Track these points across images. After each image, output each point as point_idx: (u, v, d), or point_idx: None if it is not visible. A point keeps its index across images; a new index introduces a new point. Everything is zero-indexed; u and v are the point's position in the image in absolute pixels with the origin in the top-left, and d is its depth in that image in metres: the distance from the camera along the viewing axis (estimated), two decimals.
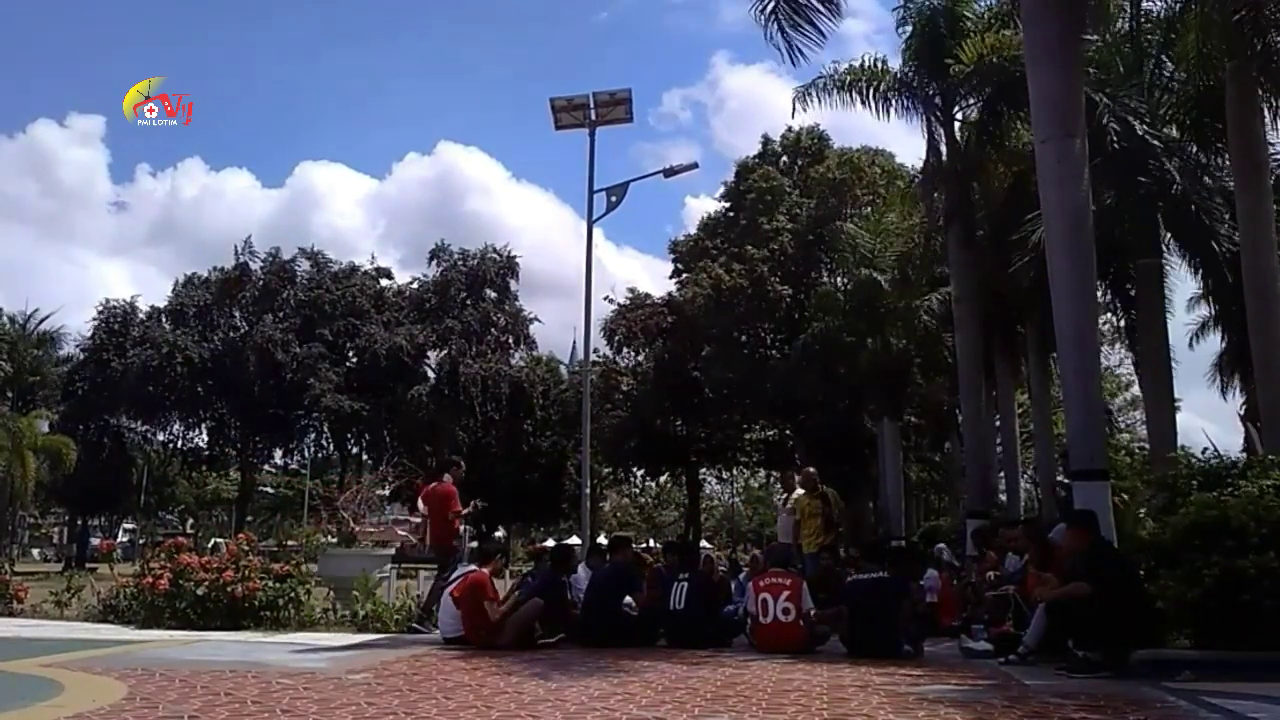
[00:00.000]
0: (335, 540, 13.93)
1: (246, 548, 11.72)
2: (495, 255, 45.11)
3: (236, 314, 43.80)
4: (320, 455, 49.89)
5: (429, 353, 43.74)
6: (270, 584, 11.04)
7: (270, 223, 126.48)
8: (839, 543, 13.24)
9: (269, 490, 63.48)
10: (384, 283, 46.64)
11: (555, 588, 9.92)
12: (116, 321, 41.99)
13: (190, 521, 72.49)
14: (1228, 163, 14.54)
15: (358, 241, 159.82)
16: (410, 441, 42.93)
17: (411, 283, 46.55)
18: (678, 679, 6.95)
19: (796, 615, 8.83)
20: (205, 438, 45.17)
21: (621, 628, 9.26)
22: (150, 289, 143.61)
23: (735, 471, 51.80)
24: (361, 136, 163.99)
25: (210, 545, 30.48)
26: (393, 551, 14.81)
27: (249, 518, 52.90)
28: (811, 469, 14.22)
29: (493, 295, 45.03)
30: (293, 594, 11.17)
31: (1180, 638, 7.77)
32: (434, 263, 45.52)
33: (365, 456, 45.73)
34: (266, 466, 53.01)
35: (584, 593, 10.10)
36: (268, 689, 6.18)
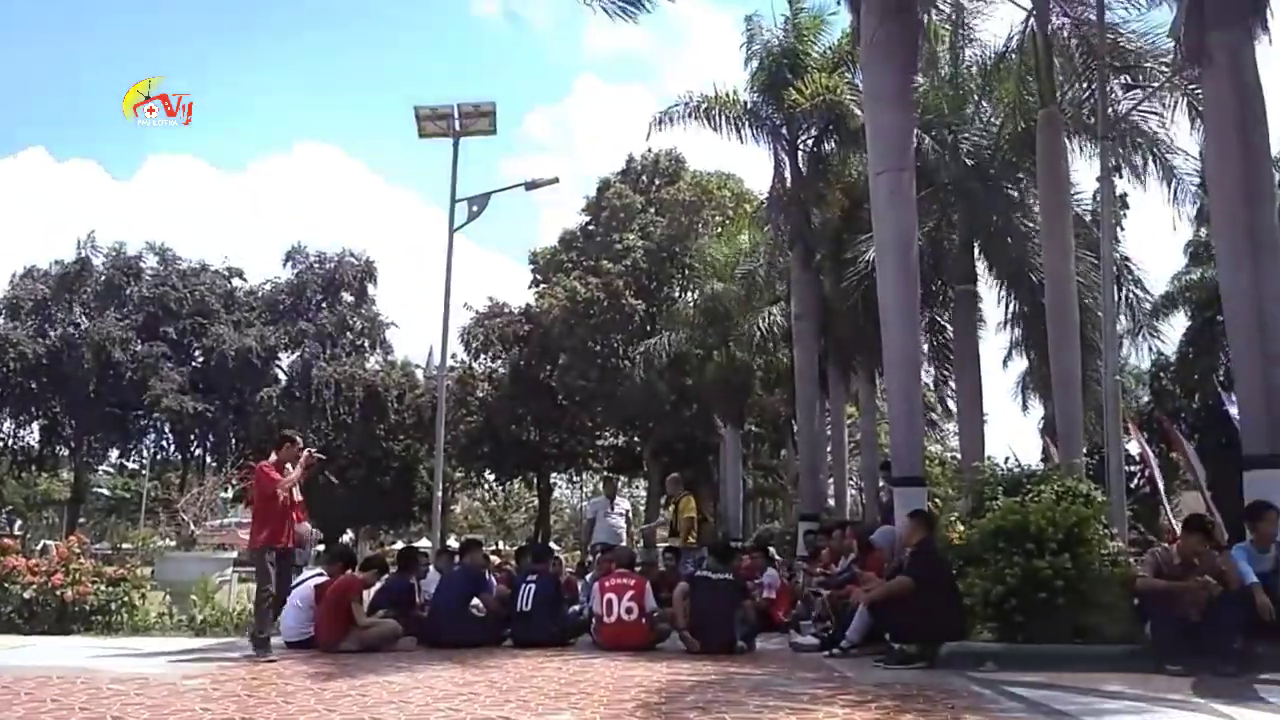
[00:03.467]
0: (174, 543, 13.60)
1: (78, 550, 11.24)
2: (353, 259, 44.44)
3: (76, 309, 41.84)
4: (160, 456, 47.97)
5: (281, 354, 42.93)
6: (102, 587, 10.68)
7: (117, 217, 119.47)
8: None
9: (104, 491, 60.40)
10: (235, 282, 45.35)
11: (403, 590, 9.91)
12: None
13: (19, 523, 68.15)
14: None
15: (212, 240, 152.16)
16: (257, 444, 41.69)
17: (264, 283, 45.50)
18: (522, 678, 7.04)
19: (639, 614, 9.07)
20: (37, 436, 43.22)
21: (468, 628, 9.32)
22: None
23: (585, 476, 52.14)
24: (217, 133, 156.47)
25: (39, 547, 28.84)
26: (234, 555, 14.52)
27: (82, 519, 50.30)
28: (676, 474, 14.73)
29: (350, 299, 44.34)
30: (126, 598, 10.83)
31: (985, 631, 8.21)
32: (289, 264, 44.57)
33: (209, 458, 44.17)
34: (102, 467, 51.00)
35: (432, 594, 10.08)
36: (97, 695, 6.03)
